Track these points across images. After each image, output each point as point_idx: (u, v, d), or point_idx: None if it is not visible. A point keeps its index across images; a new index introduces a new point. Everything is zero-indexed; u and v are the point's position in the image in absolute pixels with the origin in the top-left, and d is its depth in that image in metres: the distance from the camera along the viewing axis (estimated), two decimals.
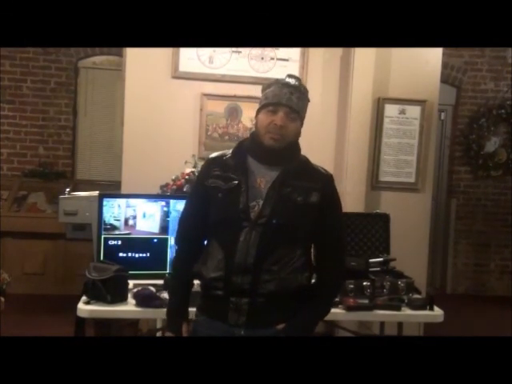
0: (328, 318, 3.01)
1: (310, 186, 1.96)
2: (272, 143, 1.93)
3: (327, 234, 2.01)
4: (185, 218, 2.10)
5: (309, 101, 2.04)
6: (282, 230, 1.91)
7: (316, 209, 1.95)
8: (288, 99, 1.93)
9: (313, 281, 2.04)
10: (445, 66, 5.60)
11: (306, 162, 2.04)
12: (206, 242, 2.03)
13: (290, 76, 1.99)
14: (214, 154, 2.06)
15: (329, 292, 2.07)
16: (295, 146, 2.01)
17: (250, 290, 1.88)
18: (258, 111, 1.99)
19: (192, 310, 2.08)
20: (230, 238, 1.91)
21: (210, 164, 2.03)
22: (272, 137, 1.92)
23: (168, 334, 2.05)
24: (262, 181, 1.95)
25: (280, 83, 1.97)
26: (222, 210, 1.95)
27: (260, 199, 1.92)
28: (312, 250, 2.07)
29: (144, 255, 2.90)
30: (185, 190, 3.45)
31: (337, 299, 2.79)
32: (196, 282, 2.09)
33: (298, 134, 2.00)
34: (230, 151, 2.02)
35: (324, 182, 2.00)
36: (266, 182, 1.94)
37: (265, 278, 1.89)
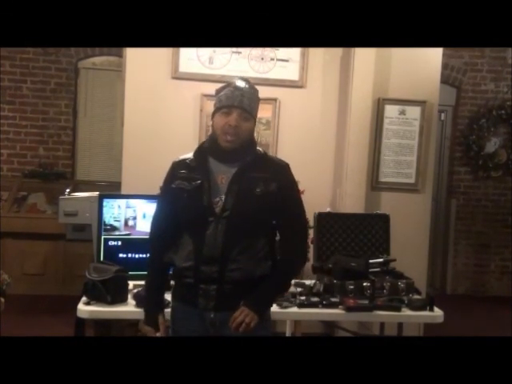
0: (328, 318, 3.04)
1: (266, 177, 2.10)
2: (227, 144, 2.09)
3: (287, 219, 2.16)
4: (155, 219, 2.26)
5: (259, 100, 2.20)
6: (245, 220, 2.06)
7: (274, 197, 2.09)
8: (240, 101, 2.08)
9: None
10: (445, 66, 5.61)
11: (262, 155, 2.18)
12: (177, 234, 2.15)
13: (240, 79, 2.16)
14: (177, 158, 2.23)
15: (287, 270, 2.19)
16: (251, 143, 2.16)
17: (217, 278, 2.06)
18: (214, 114, 2.14)
19: None
20: (198, 231, 2.07)
21: (175, 168, 2.19)
22: (227, 138, 2.08)
23: (146, 328, 2.16)
24: (224, 177, 2.10)
25: (231, 86, 2.12)
26: (189, 209, 2.11)
27: (222, 194, 2.08)
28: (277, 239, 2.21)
29: (144, 256, 2.89)
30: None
31: (337, 300, 2.80)
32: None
33: (252, 132, 2.16)
34: (192, 154, 2.18)
35: (279, 172, 2.15)
36: (227, 178, 2.10)
37: (231, 267, 2.06)
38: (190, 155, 2.19)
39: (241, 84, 2.12)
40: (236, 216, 2.05)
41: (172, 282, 2.26)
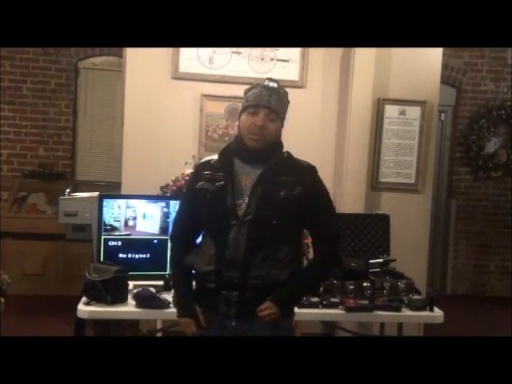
0: (328, 318, 3.03)
1: (292, 180, 2.05)
2: (254, 144, 2.04)
3: (317, 223, 2.12)
4: (177, 219, 2.23)
5: (289, 102, 2.16)
6: (268, 224, 2.00)
7: (300, 201, 2.04)
8: (267, 101, 2.04)
9: None
10: (445, 66, 5.60)
11: (288, 157, 2.14)
12: (200, 237, 2.13)
13: (269, 79, 2.11)
14: (202, 160, 2.20)
15: (316, 272, 2.16)
16: (276, 145, 2.11)
17: (239, 284, 2.00)
18: (241, 113, 2.10)
19: None
20: (220, 235, 2.02)
21: (199, 169, 2.16)
22: (253, 138, 2.03)
23: (183, 321, 2.11)
24: (248, 179, 2.05)
25: (260, 86, 2.09)
26: (212, 210, 2.06)
27: (246, 197, 2.02)
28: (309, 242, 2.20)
29: (144, 256, 2.90)
30: (184, 191, 3.46)
31: (337, 300, 2.80)
32: None
33: (279, 133, 2.11)
34: (217, 155, 2.14)
35: (306, 174, 2.10)
36: (252, 180, 2.04)
37: (253, 273, 1.99)
38: (215, 156, 2.15)
39: (270, 84, 2.08)
40: (259, 220, 1.99)
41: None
